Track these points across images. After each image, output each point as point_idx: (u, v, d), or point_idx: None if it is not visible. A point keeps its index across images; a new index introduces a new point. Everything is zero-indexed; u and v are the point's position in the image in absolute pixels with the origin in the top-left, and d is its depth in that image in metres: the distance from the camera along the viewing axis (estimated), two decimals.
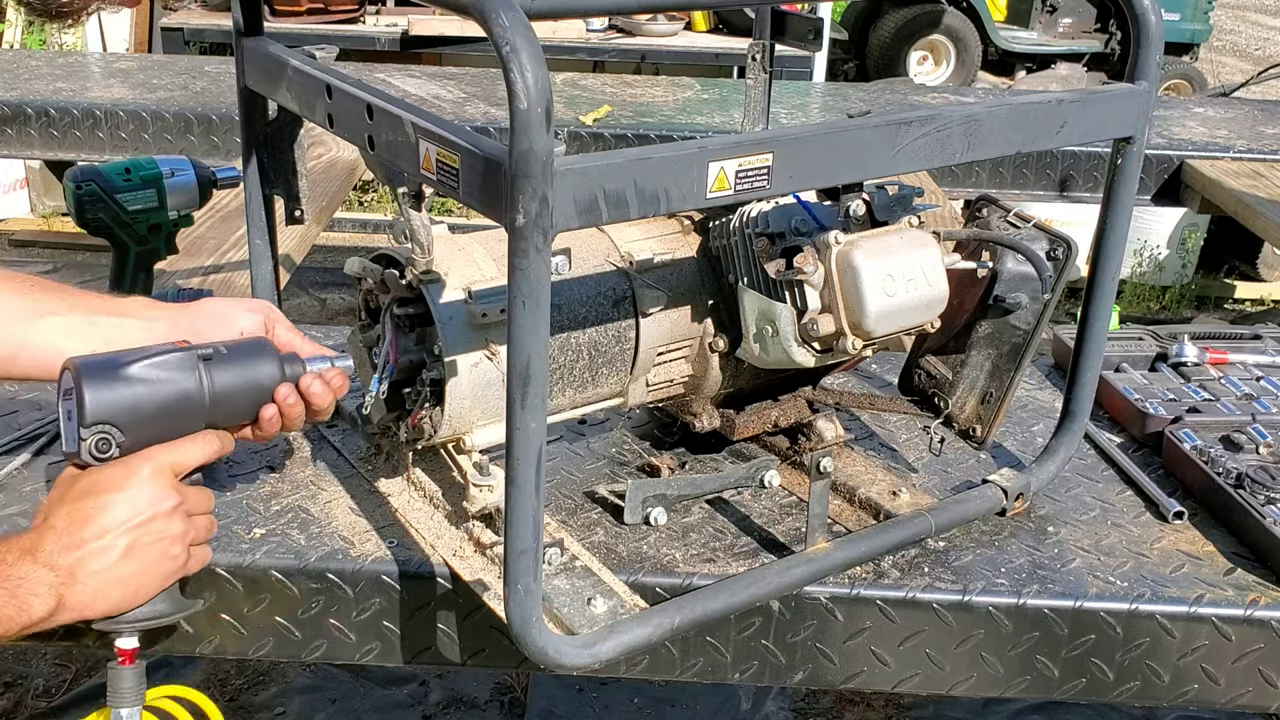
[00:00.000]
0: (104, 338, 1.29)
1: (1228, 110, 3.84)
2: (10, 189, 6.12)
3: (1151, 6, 1.34)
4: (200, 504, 1.26)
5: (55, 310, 1.30)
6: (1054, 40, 9.60)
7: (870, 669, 1.39)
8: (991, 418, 1.49)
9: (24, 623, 1.12)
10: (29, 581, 1.13)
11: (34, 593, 1.13)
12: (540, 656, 1.15)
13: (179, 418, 1.24)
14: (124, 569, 1.18)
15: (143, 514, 1.19)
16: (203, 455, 1.25)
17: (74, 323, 1.30)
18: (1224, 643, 1.37)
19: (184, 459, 1.24)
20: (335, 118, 1.26)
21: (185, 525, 1.22)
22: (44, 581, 1.14)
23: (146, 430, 1.22)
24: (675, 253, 1.46)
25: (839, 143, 1.18)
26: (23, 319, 1.29)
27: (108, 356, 1.23)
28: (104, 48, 6.62)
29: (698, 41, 6.58)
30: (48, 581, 1.14)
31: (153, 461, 1.21)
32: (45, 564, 1.15)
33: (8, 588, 1.12)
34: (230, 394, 1.26)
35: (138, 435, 1.21)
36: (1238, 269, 6.32)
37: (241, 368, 1.27)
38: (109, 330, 1.30)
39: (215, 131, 3.22)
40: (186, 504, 1.23)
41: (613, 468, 1.59)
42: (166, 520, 1.20)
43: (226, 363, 1.26)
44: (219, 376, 1.25)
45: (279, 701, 3.10)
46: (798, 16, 1.67)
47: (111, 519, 1.18)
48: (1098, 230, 1.45)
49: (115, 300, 1.35)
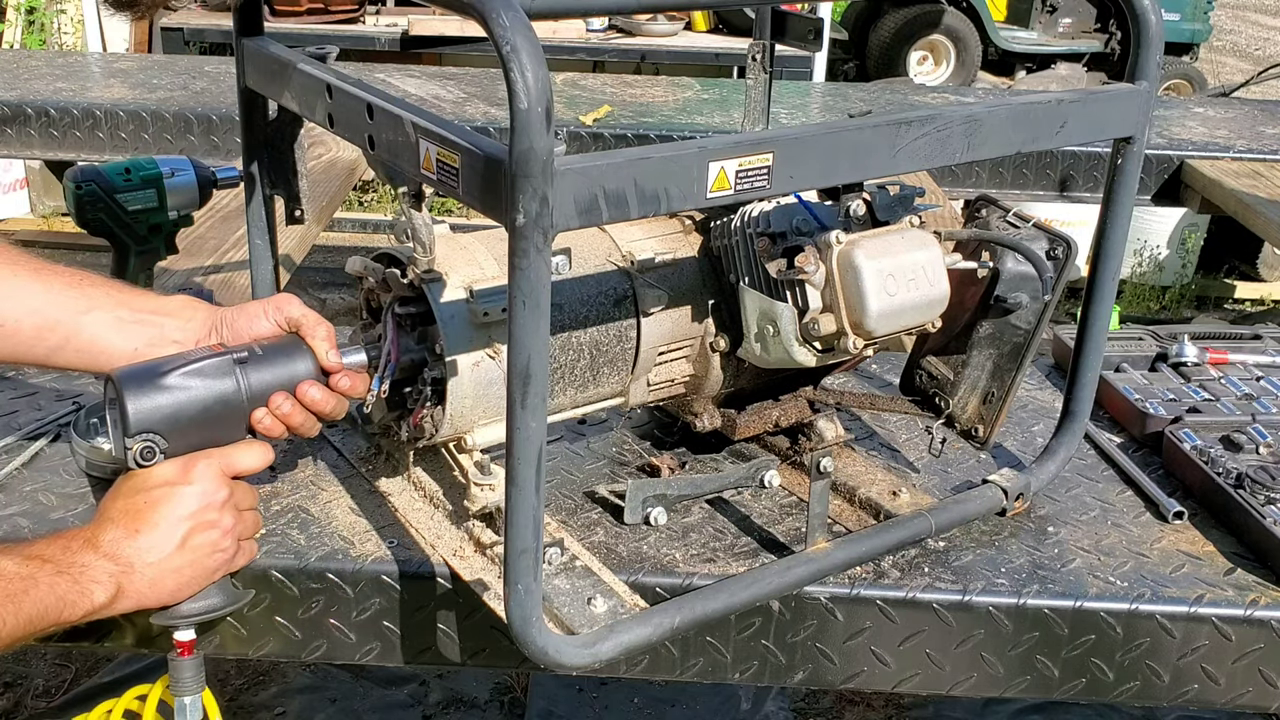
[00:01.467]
0: (145, 336, 1.33)
1: (1228, 110, 3.84)
2: (10, 189, 6.12)
3: (1151, 6, 1.34)
4: (247, 499, 1.31)
5: (102, 305, 1.34)
6: (1054, 40, 9.60)
7: (870, 669, 1.39)
8: (994, 418, 1.49)
9: (87, 608, 1.17)
10: (91, 569, 1.19)
11: (95, 580, 1.18)
12: (540, 656, 1.15)
13: (220, 420, 1.27)
14: (179, 560, 1.23)
15: (195, 507, 1.24)
16: (252, 463, 1.29)
17: (119, 318, 1.34)
18: (1224, 643, 1.37)
19: (235, 462, 1.28)
20: (335, 118, 1.26)
21: (235, 519, 1.27)
22: (105, 570, 1.19)
23: (189, 435, 1.26)
24: (676, 252, 1.46)
25: (839, 143, 1.18)
26: (72, 312, 1.33)
27: (146, 366, 1.26)
28: (104, 48, 6.62)
29: (698, 41, 6.59)
30: (108, 570, 1.19)
31: (205, 459, 1.26)
32: (106, 554, 1.20)
33: (71, 574, 1.17)
34: (268, 392, 1.29)
35: (181, 441, 1.25)
36: (1238, 269, 6.32)
37: (277, 367, 1.30)
38: (150, 329, 1.34)
39: (215, 131, 3.22)
40: (235, 498, 1.28)
41: (613, 468, 1.59)
42: (218, 513, 1.25)
43: (261, 363, 1.29)
44: (255, 377, 1.28)
45: (279, 701, 3.10)
46: (798, 16, 1.67)
47: (166, 512, 1.23)
48: (1098, 230, 1.45)
49: (159, 299, 1.39)
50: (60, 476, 1.50)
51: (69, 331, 1.32)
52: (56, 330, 1.32)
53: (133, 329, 1.33)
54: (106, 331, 1.33)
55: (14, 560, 1.15)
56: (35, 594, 1.13)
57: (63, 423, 1.60)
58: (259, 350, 1.30)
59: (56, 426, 1.60)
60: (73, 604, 1.16)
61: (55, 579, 1.16)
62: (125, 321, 1.33)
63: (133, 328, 1.33)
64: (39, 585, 1.14)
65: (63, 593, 1.15)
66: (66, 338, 1.33)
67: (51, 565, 1.16)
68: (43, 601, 1.14)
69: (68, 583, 1.16)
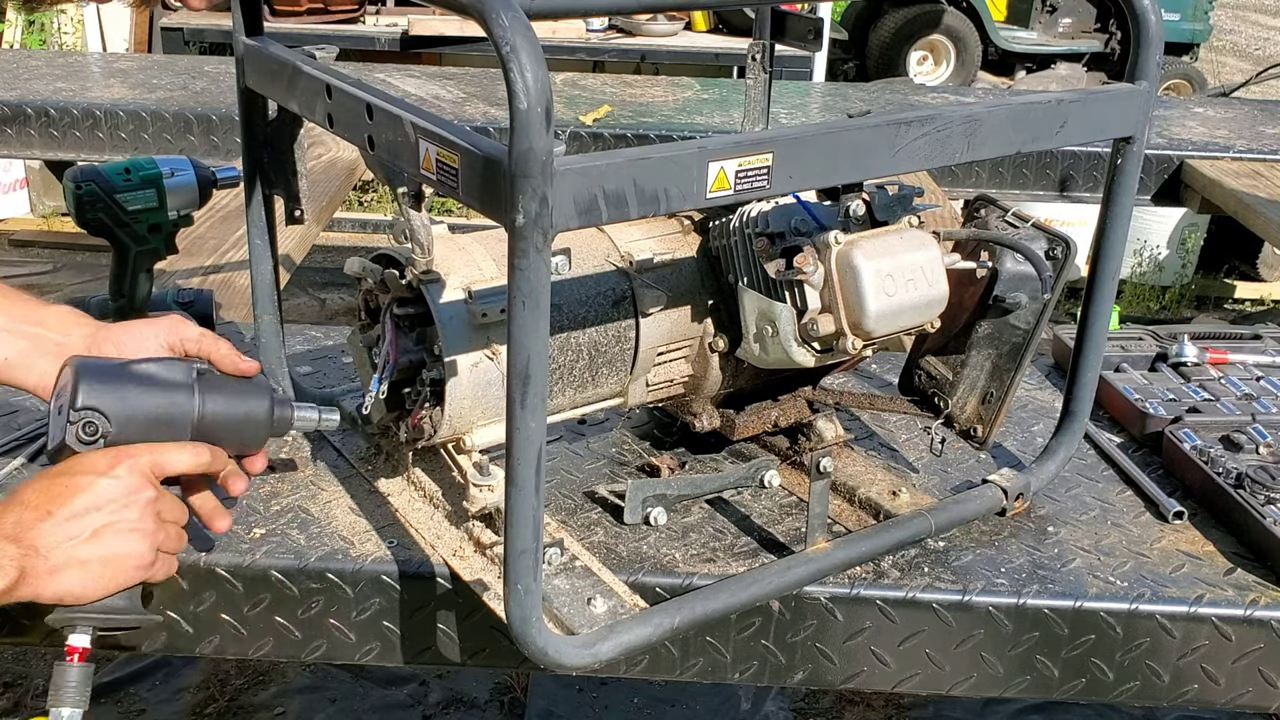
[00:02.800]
0: (17, 347, 1.30)
1: (1228, 110, 3.84)
2: (10, 189, 6.12)
3: (1151, 6, 1.34)
4: (174, 512, 1.24)
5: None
6: (1054, 40, 9.60)
7: (870, 669, 1.39)
8: (993, 417, 1.49)
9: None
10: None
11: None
12: (540, 656, 1.15)
13: (167, 422, 1.24)
14: (88, 552, 1.16)
15: (115, 500, 1.17)
16: (187, 463, 1.23)
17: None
18: (1224, 643, 1.37)
19: (167, 461, 1.22)
20: (335, 118, 1.26)
21: (157, 525, 1.20)
22: (5, 553, 1.12)
23: (134, 426, 1.22)
24: (675, 253, 1.46)
25: (839, 143, 1.18)
26: None
27: (106, 359, 1.26)
28: (104, 48, 6.63)
29: (698, 41, 6.59)
30: (9, 554, 1.12)
31: (135, 454, 1.20)
32: (8, 536, 1.13)
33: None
34: (220, 414, 1.27)
35: (124, 429, 1.21)
36: (1238, 269, 6.32)
37: (235, 394, 1.29)
38: (22, 340, 1.30)
39: (215, 131, 3.23)
40: (161, 505, 1.21)
41: (613, 468, 1.59)
42: (139, 513, 1.18)
43: (221, 385, 1.29)
44: (211, 394, 1.27)
45: (279, 701, 3.10)
46: (798, 16, 1.67)
47: (84, 500, 1.16)
48: (1098, 230, 1.45)
49: (41, 309, 1.34)
50: None
51: None
52: None
53: (3, 337, 1.29)
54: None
55: None
56: None
57: None
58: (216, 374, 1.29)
59: None
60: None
61: None
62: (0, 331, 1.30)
63: (4, 336, 1.29)
64: None
65: None
66: None
67: None
68: None
69: None
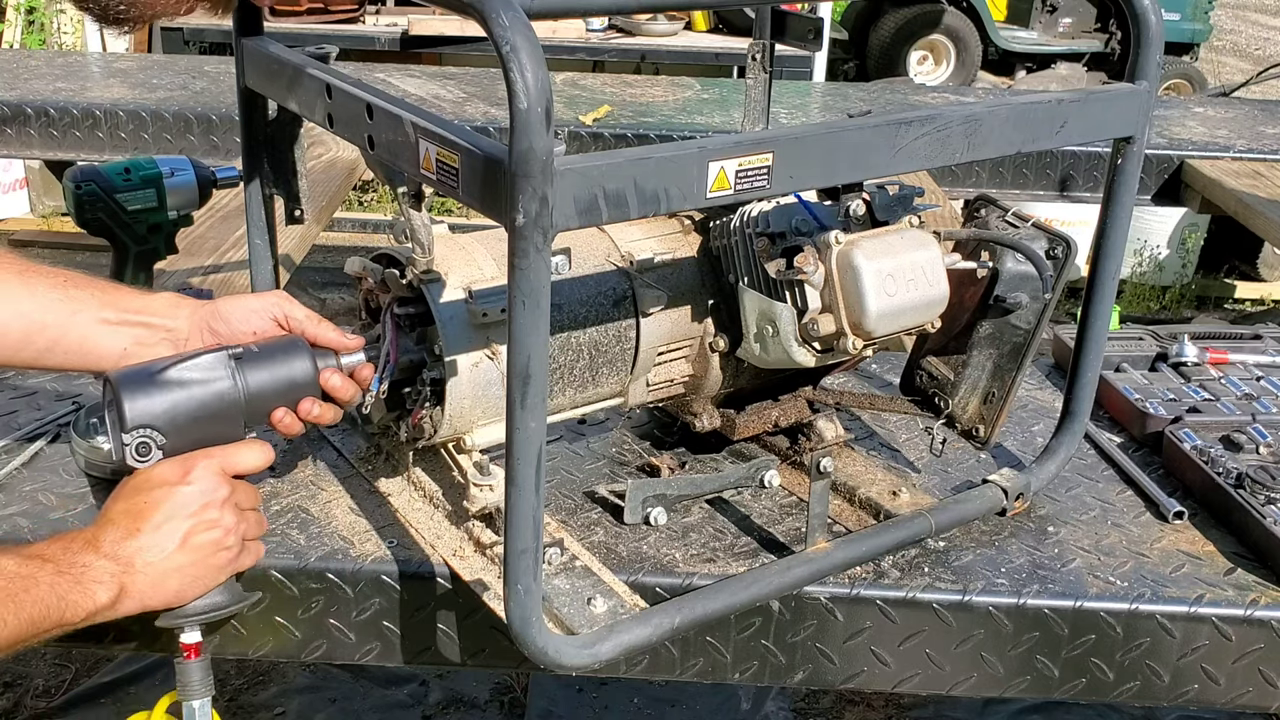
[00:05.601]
0: (133, 335, 1.34)
1: (1228, 110, 3.84)
2: (10, 189, 6.12)
3: (1151, 6, 1.34)
4: (249, 499, 1.30)
5: (88, 307, 1.35)
6: (1054, 40, 9.60)
7: (870, 669, 1.39)
8: (994, 417, 1.49)
9: (89, 609, 1.17)
10: (92, 569, 1.18)
11: (97, 580, 1.18)
12: (540, 656, 1.15)
13: (217, 417, 1.27)
14: (181, 559, 1.23)
15: (195, 504, 1.23)
16: (254, 462, 1.29)
17: (105, 319, 1.34)
18: (1224, 643, 1.37)
19: (237, 461, 1.28)
20: (335, 118, 1.26)
21: (237, 517, 1.27)
22: (106, 570, 1.19)
23: (187, 431, 1.25)
24: (676, 252, 1.46)
25: (839, 143, 1.18)
26: (58, 314, 1.34)
27: (143, 365, 1.27)
28: (104, 48, 6.62)
29: (698, 41, 6.58)
30: (110, 570, 1.19)
31: (207, 457, 1.26)
32: (107, 554, 1.20)
33: (73, 574, 1.17)
34: (265, 390, 1.29)
35: (178, 437, 1.25)
36: (1238, 269, 6.32)
37: (274, 364, 1.30)
38: (137, 329, 1.34)
39: (215, 131, 3.22)
40: (237, 496, 1.27)
41: (613, 468, 1.59)
42: (219, 512, 1.25)
43: (258, 360, 1.29)
44: (252, 374, 1.28)
45: (279, 701, 3.10)
46: (798, 16, 1.67)
47: (167, 511, 1.23)
48: (1098, 230, 1.45)
49: (145, 297, 1.39)
50: (60, 476, 1.50)
51: (56, 334, 1.33)
52: (44, 333, 1.33)
53: (120, 329, 1.34)
54: (94, 332, 1.33)
55: (14, 560, 1.15)
56: (36, 594, 1.13)
57: (62, 423, 1.60)
58: (255, 348, 1.30)
59: (56, 426, 1.60)
60: (75, 604, 1.16)
61: (56, 579, 1.15)
62: (112, 322, 1.34)
63: (119, 328, 1.34)
64: (40, 585, 1.14)
65: (64, 592, 1.15)
66: (54, 340, 1.33)
67: (52, 565, 1.16)
68: (44, 601, 1.13)
69: (69, 583, 1.16)
